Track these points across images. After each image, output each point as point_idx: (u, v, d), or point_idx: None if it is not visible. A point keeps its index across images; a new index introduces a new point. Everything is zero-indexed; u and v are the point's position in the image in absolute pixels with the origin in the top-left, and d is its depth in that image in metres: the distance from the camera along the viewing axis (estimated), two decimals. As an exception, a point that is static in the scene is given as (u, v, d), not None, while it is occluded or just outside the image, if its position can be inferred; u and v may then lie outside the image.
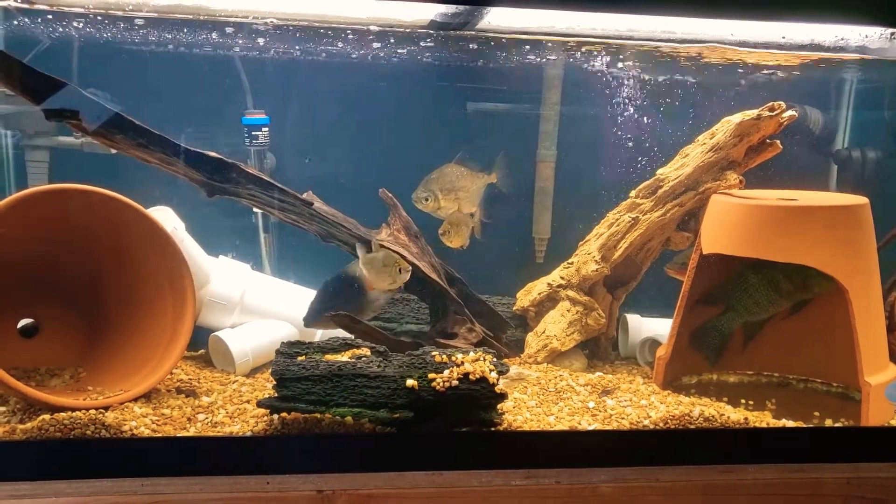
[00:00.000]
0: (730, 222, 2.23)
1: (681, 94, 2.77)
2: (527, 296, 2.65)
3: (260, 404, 1.85)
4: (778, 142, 2.47)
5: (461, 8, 2.07)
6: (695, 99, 2.78)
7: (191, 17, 2.26)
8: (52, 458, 1.71)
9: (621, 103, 2.73)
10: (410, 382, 1.81)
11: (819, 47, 2.45)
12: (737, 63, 2.66)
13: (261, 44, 2.50)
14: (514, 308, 2.66)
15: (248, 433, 1.86)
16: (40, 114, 1.91)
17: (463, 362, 1.86)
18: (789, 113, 2.40)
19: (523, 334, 2.61)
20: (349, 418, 1.80)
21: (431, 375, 1.83)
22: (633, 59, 2.62)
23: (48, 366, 2.14)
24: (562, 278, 2.58)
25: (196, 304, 2.19)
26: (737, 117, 2.41)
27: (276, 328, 2.46)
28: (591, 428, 1.98)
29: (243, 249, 2.66)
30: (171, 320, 2.12)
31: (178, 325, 2.11)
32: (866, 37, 2.32)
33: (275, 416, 1.83)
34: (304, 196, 2.21)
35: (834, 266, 2.08)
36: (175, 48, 2.52)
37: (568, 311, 2.54)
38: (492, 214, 2.50)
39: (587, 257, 2.54)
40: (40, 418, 1.78)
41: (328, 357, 1.92)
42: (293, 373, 1.83)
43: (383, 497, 1.69)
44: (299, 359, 1.90)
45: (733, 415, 2.02)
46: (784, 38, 2.37)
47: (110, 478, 1.67)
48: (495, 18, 2.21)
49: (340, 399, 1.82)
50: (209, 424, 1.92)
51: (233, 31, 2.38)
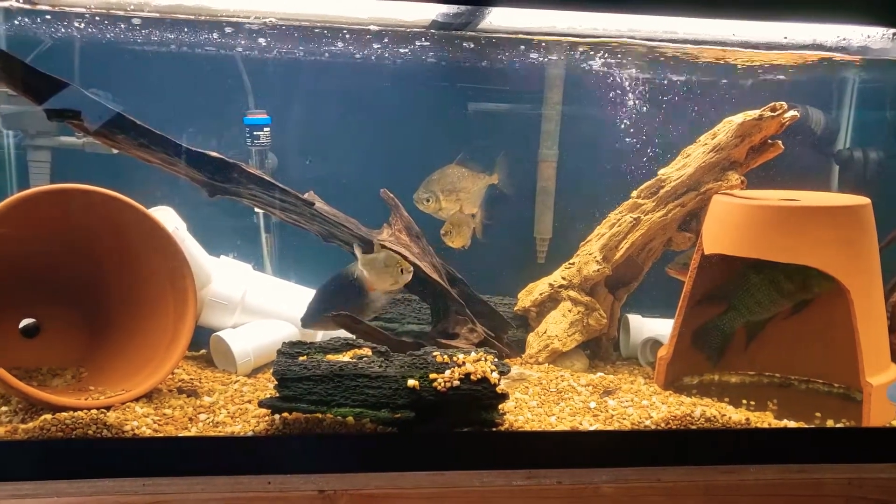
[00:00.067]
0: (731, 223, 2.22)
1: (682, 94, 2.77)
2: (528, 296, 2.65)
3: (261, 404, 1.85)
4: (780, 142, 2.47)
5: (462, 8, 2.07)
6: (696, 99, 2.77)
7: (192, 17, 2.26)
8: (54, 457, 1.71)
9: (623, 103, 2.73)
10: (412, 382, 1.81)
11: (821, 47, 2.45)
12: (738, 63, 2.66)
13: (262, 44, 2.51)
14: (516, 308, 2.66)
15: (250, 433, 1.86)
16: (42, 114, 1.91)
17: (464, 362, 1.86)
18: (791, 113, 2.39)
19: (524, 334, 2.61)
20: (350, 418, 1.80)
21: (433, 376, 1.83)
22: (634, 59, 2.62)
23: (50, 366, 2.14)
24: (563, 278, 2.58)
25: (197, 305, 2.19)
26: (738, 117, 2.41)
27: (277, 328, 2.46)
28: (592, 428, 1.98)
29: (244, 249, 2.66)
30: (173, 320, 2.12)
31: (179, 325, 2.11)
32: (868, 37, 2.32)
33: (276, 416, 1.83)
34: (306, 196, 2.21)
35: (835, 266, 2.07)
36: (177, 48, 2.52)
37: (569, 311, 2.54)
38: (493, 215, 2.50)
39: (589, 257, 2.54)
40: (42, 418, 1.78)
41: (329, 357, 1.92)
42: (294, 373, 1.83)
43: (385, 497, 1.69)
44: (301, 359, 1.90)
45: (735, 415, 2.02)
46: (786, 38, 2.37)
47: (112, 478, 1.67)
48: (497, 18, 2.21)
49: (342, 399, 1.82)
50: (211, 424, 1.92)
51: (234, 31, 2.38)
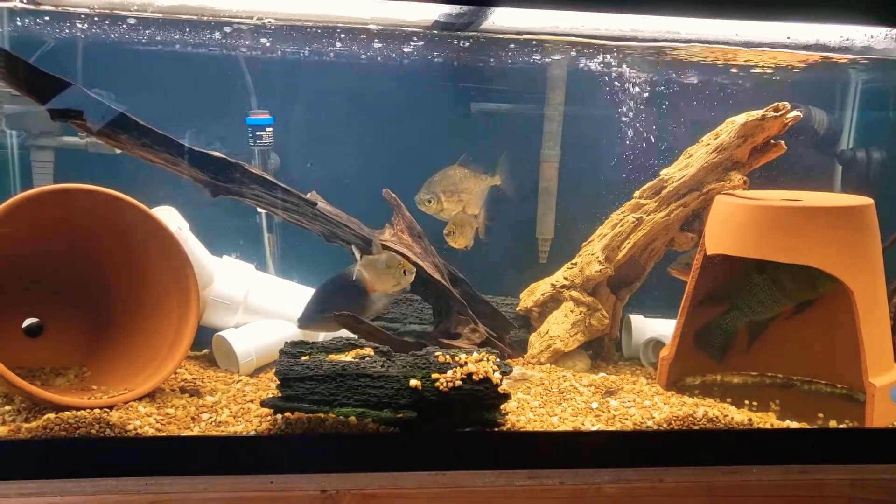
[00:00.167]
0: (734, 223, 2.22)
1: (684, 95, 2.76)
2: (530, 296, 2.65)
3: (264, 404, 1.86)
4: (782, 142, 2.47)
5: (465, 8, 2.07)
6: (698, 99, 2.77)
7: (195, 17, 2.27)
8: (57, 457, 1.71)
9: (625, 103, 2.73)
10: (414, 382, 1.81)
11: (824, 47, 2.44)
12: (741, 63, 2.66)
13: (264, 44, 2.51)
14: (518, 308, 2.66)
15: (252, 433, 1.86)
16: (45, 114, 1.91)
17: (466, 363, 1.86)
18: (794, 113, 2.39)
19: (527, 335, 2.61)
20: (353, 418, 1.80)
21: (435, 376, 1.83)
22: (636, 59, 2.62)
23: (53, 365, 2.15)
24: (565, 279, 2.58)
25: (200, 304, 2.19)
26: (741, 118, 2.40)
27: (279, 328, 2.46)
28: (594, 429, 1.98)
29: (247, 249, 2.67)
30: (176, 320, 2.12)
31: (182, 324, 2.11)
32: (871, 37, 2.32)
33: (278, 416, 1.83)
34: (308, 196, 2.21)
35: (838, 267, 2.07)
36: (181, 48, 2.53)
37: (571, 311, 2.54)
38: (494, 216, 2.49)
39: (591, 258, 2.54)
40: (45, 417, 1.78)
41: (332, 357, 1.92)
42: (297, 372, 1.83)
43: (386, 497, 1.69)
44: (303, 358, 1.90)
45: (737, 416, 2.02)
46: (789, 38, 2.37)
47: (114, 477, 1.67)
48: (499, 19, 2.21)
49: (344, 399, 1.82)
50: (213, 424, 1.93)
51: (237, 31, 2.39)
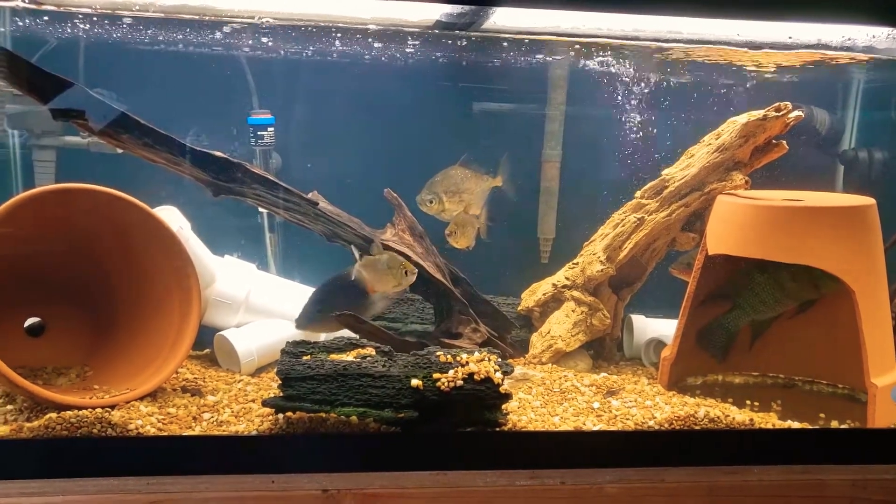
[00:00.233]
0: (735, 223, 2.22)
1: (685, 94, 2.76)
2: (531, 296, 2.65)
3: (265, 403, 1.86)
4: (784, 142, 2.46)
5: (466, 8, 2.07)
6: (699, 99, 2.77)
7: (196, 17, 2.27)
8: (59, 456, 1.71)
9: (626, 103, 2.72)
10: (415, 382, 1.81)
11: (826, 47, 2.44)
12: (743, 63, 2.65)
13: (266, 44, 2.51)
14: (519, 308, 2.66)
15: (254, 432, 1.86)
16: (47, 113, 1.91)
17: (467, 362, 1.86)
18: (795, 113, 2.39)
19: (528, 334, 2.61)
20: (354, 418, 1.81)
21: (436, 375, 1.83)
22: (638, 59, 2.62)
23: (55, 364, 2.15)
24: (567, 279, 2.58)
25: (201, 304, 2.20)
26: (743, 118, 2.40)
27: (281, 328, 2.46)
28: (595, 428, 1.98)
29: (248, 249, 2.67)
30: (177, 319, 2.12)
31: (183, 324, 2.12)
32: (873, 37, 2.32)
33: (280, 416, 1.83)
34: (310, 196, 2.21)
35: (840, 267, 2.07)
36: (184, 48, 2.53)
37: (573, 311, 2.54)
38: (495, 216, 2.49)
39: (592, 258, 2.54)
40: (47, 417, 1.78)
41: (333, 357, 1.92)
42: (298, 372, 1.83)
43: (388, 496, 1.69)
44: (304, 358, 1.90)
45: (738, 416, 2.02)
46: (790, 38, 2.36)
47: (116, 476, 1.67)
48: (500, 18, 2.21)
49: (345, 398, 1.82)
50: (214, 423, 1.93)
51: (238, 31, 2.39)
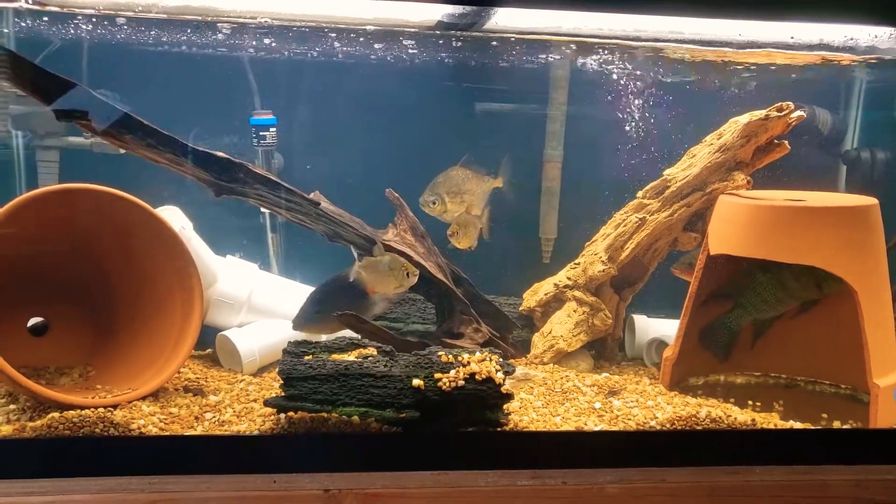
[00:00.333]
0: (737, 223, 2.22)
1: (687, 94, 2.76)
2: (533, 296, 2.65)
3: (267, 403, 1.86)
4: (786, 142, 2.46)
5: (468, 8, 2.07)
6: (701, 99, 2.77)
7: (199, 18, 2.27)
8: (62, 455, 1.72)
9: (628, 103, 2.72)
10: (416, 382, 1.81)
11: (828, 47, 2.44)
12: (745, 63, 2.65)
13: (268, 44, 2.51)
14: (521, 308, 2.66)
15: (255, 432, 1.86)
16: (51, 114, 1.92)
17: (469, 362, 1.86)
18: (797, 113, 2.38)
19: (529, 335, 2.61)
20: (355, 417, 1.81)
21: (437, 375, 1.83)
22: (639, 59, 2.62)
23: (57, 364, 2.15)
24: (568, 279, 2.58)
25: (204, 304, 2.20)
26: (745, 118, 2.40)
27: (283, 327, 2.46)
28: (597, 429, 1.98)
29: (251, 249, 2.67)
30: (179, 319, 2.13)
31: (185, 324, 2.12)
32: (875, 37, 2.32)
33: (282, 415, 1.84)
34: (311, 196, 2.21)
35: (842, 267, 2.06)
36: (187, 49, 2.53)
37: (574, 311, 2.54)
38: (496, 217, 2.49)
39: (594, 258, 2.54)
40: (49, 416, 1.79)
41: (335, 356, 1.93)
42: (300, 372, 1.84)
43: (389, 496, 1.69)
44: (306, 358, 1.91)
45: (740, 416, 2.02)
46: (793, 38, 2.36)
47: (118, 476, 1.68)
48: (502, 19, 2.21)
49: (347, 398, 1.82)
50: (216, 423, 1.93)
51: (240, 32, 2.39)
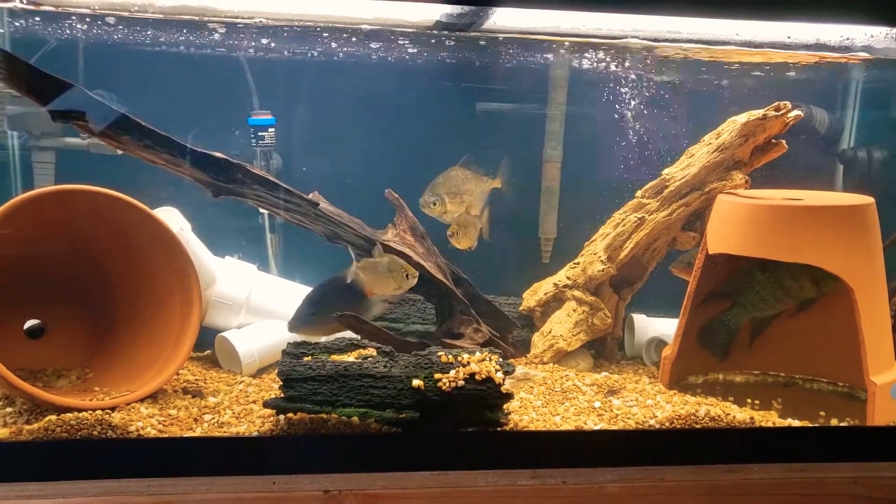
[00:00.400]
0: (735, 222, 2.22)
1: (685, 94, 2.76)
2: (533, 296, 2.65)
3: (266, 405, 1.86)
4: (784, 141, 2.47)
5: (466, 8, 2.07)
6: (699, 98, 2.77)
7: (196, 18, 2.27)
8: (59, 458, 1.71)
9: (627, 103, 2.73)
10: (416, 383, 1.81)
11: (824, 47, 2.44)
12: (742, 62, 2.66)
13: (265, 44, 2.51)
14: (521, 308, 2.66)
15: (255, 433, 1.86)
16: (46, 115, 1.91)
17: (469, 362, 1.86)
18: (795, 113, 2.39)
19: (529, 334, 2.61)
20: (355, 418, 1.81)
21: (437, 376, 1.83)
22: (638, 59, 2.62)
23: (55, 367, 2.14)
24: (568, 278, 2.58)
25: (202, 305, 2.19)
26: (742, 117, 2.40)
27: (282, 328, 2.45)
28: (596, 428, 1.98)
29: (249, 250, 2.67)
30: (178, 321, 2.12)
31: (184, 325, 2.11)
32: (872, 36, 2.32)
33: (281, 417, 1.83)
34: (310, 196, 2.21)
35: (839, 266, 2.07)
36: (185, 49, 2.53)
37: (574, 311, 2.54)
38: (494, 218, 2.48)
39: (593, 257, 2.54)
40: (47, 419, 1.78)
41: (334, 357, 1.93)
42: (299, 373, 1.83)
43: (389, 497, 1.69)
44: (305, 359, 1.90)
45: (739, 414, 2.02)
46: (789, 37, 2.37)
47: (116, 478, 1.67)
48: (501, 19, 2.21)
49: (346, 399, 1.82)
50: (215, 425, 1.93)
51: (238, 32, 2.39)
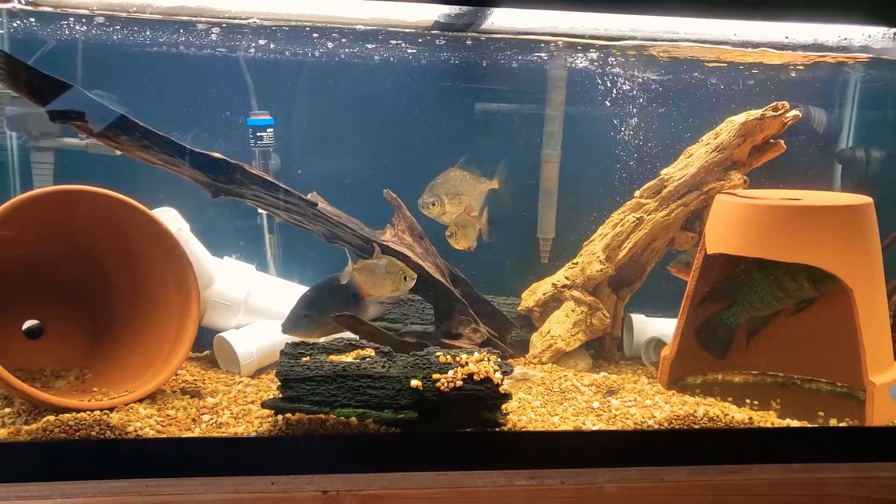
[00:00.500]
0: (734, 222, 2.22)
1: (683, 94, 2.76)
2: (531, 296, 2.65)
3: (265, 405, 1.86)
4: (782, 142, 2.47)
5: (465, 9, 2.07)
6: (697, 98, 2.77)
7: (194, 18, 2.27)
8: (58, 459, 1.71)
9: (625, 103, 2.73)
10: (415, 383, 1.81)
11: (822, 47, 2.45)
12: (740, 63, 2.66)
13: (264, 45, 2.51)
14: (519, 308, 2.66)
15: (253, 434, 1.86)
16: (45, 115, 1.91)
17: (467, 363, 1.86)
18: (793, 113, 2.39)
19: (528, 334, 2.61)
20: (353, 419, 1.80)
21: (436, 376, 1.83)
22: (636, 59, 2.62)
23: (53, 367, 2.14)
24: (566, 278, 2.58)
25: (201, 305, 2.19)
26: (741, 117, 2.41)
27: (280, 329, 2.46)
28: (595, 428, 1.98)
29: (248, 250, 2.67)
30: (176, 321, 2.12)
31: (182, 326, 2.11)
32: (869, 37, 2.32)
33: (279, 417, 1.83)
34: (309, 197, 2.21)
35: (838, 266, 2.07)
36: (183, 49, 2.53)
37: (573, 311, 2.54)
38: (494, 218, 2.48)
39: (592, 257, 2.54)
40: (45, 419, 1.78)
41: (332, 358, 1.92)
42: (298, 373, 1.83)
43: (388, 497, 1.69)
44: (304, 359, 1.90)
45: (738, 415, 2.02)
46: (787, 38, 2.37)
47: (115, 479, 1.67)
48: (499, 19, 2.21)
49: (345, 400, 1.82)
50: (214, 425, 1.93)
51: (236, 32, 2.39)
